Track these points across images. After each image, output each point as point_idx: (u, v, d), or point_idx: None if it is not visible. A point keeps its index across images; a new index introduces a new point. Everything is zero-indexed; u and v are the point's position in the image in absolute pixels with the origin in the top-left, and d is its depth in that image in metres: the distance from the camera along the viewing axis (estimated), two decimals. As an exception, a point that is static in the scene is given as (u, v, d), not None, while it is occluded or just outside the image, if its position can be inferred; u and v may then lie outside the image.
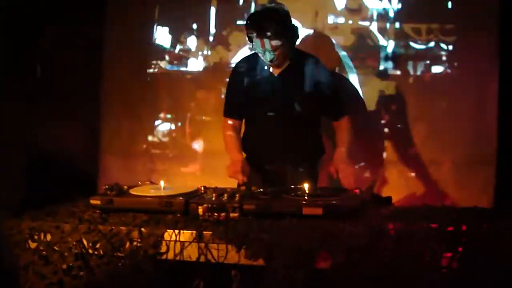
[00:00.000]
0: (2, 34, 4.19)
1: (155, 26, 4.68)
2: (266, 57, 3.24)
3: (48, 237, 2.54)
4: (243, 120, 3.58)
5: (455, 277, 2.17)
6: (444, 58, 4.11)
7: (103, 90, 4.78)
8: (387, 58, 4.21)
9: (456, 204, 3.68)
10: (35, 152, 4.47)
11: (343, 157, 3.29)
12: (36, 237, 2.56)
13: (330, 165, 3.33)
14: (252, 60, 3.43)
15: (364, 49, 4.23)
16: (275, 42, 3.15)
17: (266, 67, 3.37)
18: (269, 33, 3.13)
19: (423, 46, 4.14)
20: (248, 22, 3.21)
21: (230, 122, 3.53)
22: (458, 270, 2.17)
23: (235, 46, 4.45)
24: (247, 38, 3.28)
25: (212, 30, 4.55)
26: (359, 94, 4.22)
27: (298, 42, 3.41)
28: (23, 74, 4.57)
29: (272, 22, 3.13)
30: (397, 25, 4.17)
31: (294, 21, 3.35)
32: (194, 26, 4.60)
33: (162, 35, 4.66)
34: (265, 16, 3.18)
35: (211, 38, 4.55)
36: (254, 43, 3.22)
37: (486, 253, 2.18)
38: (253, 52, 3.40)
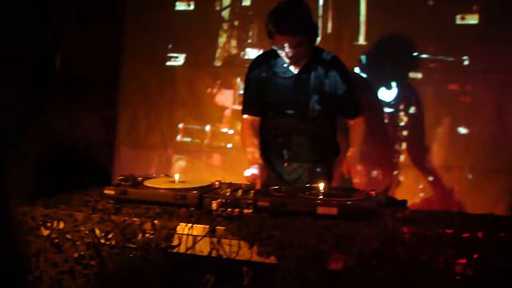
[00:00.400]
0: (21, 23, 4.20)
1: (175, 19, 4.67)
2: (287, 54, 3.21)
3: (61, 225, 2.55)
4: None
5: (469, 284, 2.14)
6: (465, 62, 4.06)
7: (121, 81, 4.78)
8: (408, 61, 4.16)
9: (472, 211, 3.65)
10: (51, 140, 4.49)
11: (356, 158, 3.26)
12: (48, 224, 2.57)
13: (342, 165, 3.29)
14: (270, 56, 3.40)
15: (385, 50, 4.19)
16: (295, 39, 3.12)
17: (284, 64, 3.34)
18: (289, 30, 3.10)
19: (444, 50, 4.10)
20: (269, 17, 3.18)
21: (249, 120, 3.49)
22: (472, 277, 2.14)
23: (255, 40, 4.43)
24: (267, 33, 3.25)
25: (233, 23, 4.53)
26: (376, 95, 4.19)
27: (318, 39, 3.37)
28: (42, 63, 4.59)
29: (293, 19, 3.09)
30: (419, 27, 4.13)
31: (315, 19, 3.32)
32: (215, 21, 4.58)
33: (182, 29, 4.64)
34: (286, 12, 3.14)
35: (231, 31, 4.53)
36: (274, 39, 3.19)
37: (502, 260, 2.15)
38: (271, 48, 3.37)
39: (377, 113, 4.16)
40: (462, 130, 4.08)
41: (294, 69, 3.35)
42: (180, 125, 4.68)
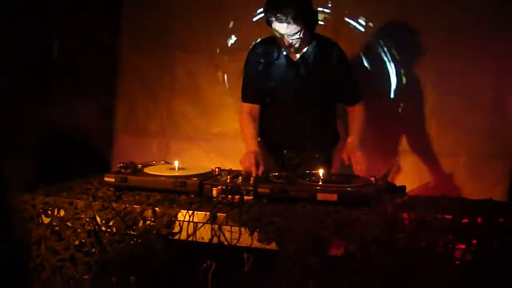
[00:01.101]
0: (18, 12, 4.19)
1: (173, 7, 4.65)
2: (285, 41, 3.20)
3: (62, 212, 2.57)
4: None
5: (468, 269, 2.15)
6: (463, 48, 4.06)
7: (119, 68, 4.77)
8: (406, 47, 4.17)
9: (471, 196, 3.66)
10: (50, 128, 4.48)
11: (355, 145, 3.25)
12: (49, 212, 2.58)
13: (342, 152, 3.29)
14: (270, 44, 3.39)
15: (383, 37, 4.19)
16: (293, 27, 3.11)
17: (284, 52, 3.34)
18: (288, 18, 3.08)
19: (442, 36, 4.09)
20: (267, 5, 3.16)
21: (248, 107, 3.47)
22: (471, 262, 2.15)
23: (255, 27, 4.42)
24: (265, 20, 3.24)
25: (232, 11, 4.52)
26: (379, 82, 4.19)
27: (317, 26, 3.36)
28: (39, 52, 4.58)
29: (291, 7, 3.07)
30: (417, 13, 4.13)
31: (314, 5, 3.29)
32: (213, 6, 4.57)
33: (180, 16, 4.63)
34: (284, 0, 3.13)
35: (230, 19, 4.52)
36: (272, 27, 3.18)
37: (500, 246, 2.16)
38: (271, 35, 3.36)
39: (377, 99, 4.16)
40: (459, 116, 4.08)
41: (293, 57, 3.35)
42: (179, 112, 4.68)
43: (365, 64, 4.21)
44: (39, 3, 4.36)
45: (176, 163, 2.92)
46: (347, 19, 4.25)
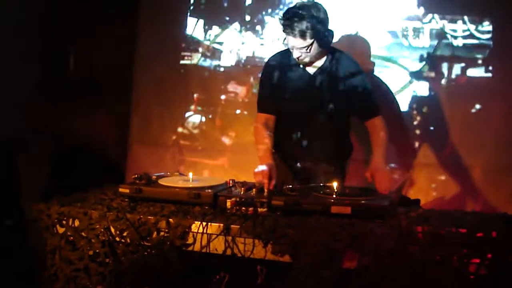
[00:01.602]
0: (35, 25, 4.24)
1: (188, 18, 4.69)
2: (295, 54, 3.22)
3: (76, 223, 2.58)
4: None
5: (483, 283, 2.14)
6: (479, 61, 4.05)
7: (135, 80, 4.80)
8: (421, 59, 4.16)
9: (486, 210, 3.64)
10: (65, 139, 4.52)
11: (380, 164, 3.16)
12: (64, 222, 2.59)
13: (367, 170, 3.24)
14: (285, 55, 3.40)
15: (397, 49, 4.19)
16: (302, 41, 3.12)
17: (300, 64, 3.34)
18: (296, 32, 3.10)
19: (458, 48, 4.09)
20: (281, 17, 3.18)
21: (263, 118, 3.45)
22: (486, 276, 2.14)
23: (269, 40, 4.44)
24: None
25: (246, 23, 4.54)
26: (393, 95, 4.18)
27: (333, 41, 3.35)
28: (56, 63, 4.62)
29: (301, 21, 3.07)
30: (433, 25, 4.12)
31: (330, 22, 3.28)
32: (227, 18, 4.59)
33: (195, 28, 4.66)
34: (296, 14, 3.11)
35: (244, 32, 4.54)
36: (286, 39, 3.20)
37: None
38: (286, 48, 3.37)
39: (390, 112, 4.15)
40: (475, 129, 4.07)
41: (309, 70, 3.35)
42: (194, 124, 4.70)
43: (378, 77, 4.21)
44: (55, 16, 4.41)
45: (191, 175, 2.93)
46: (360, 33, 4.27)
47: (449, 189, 4.09)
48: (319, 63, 3.33)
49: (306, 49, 3.15)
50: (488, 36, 4.03)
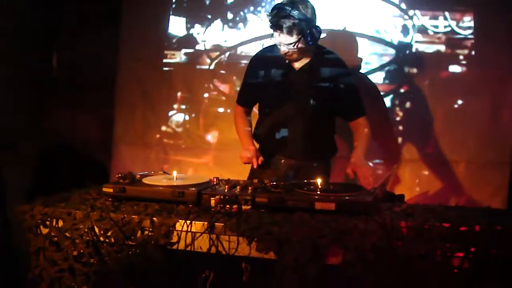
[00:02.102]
0: (19, 24, 4.21)
1: (170, 16, 4.68)
2: (282, 50, 3.22)
3: (60, 223, 2.56)
4: (253, 110, 3.62)
5: (467, 277, 2.15)
6: (461, 57, 4.08)
7: (118, 80, 4.78)
8: (403, 56, 4.18)
9: (469, 204, 3.66)
10: (49, 139, 4.50)
11: (361, 160, 3.20)
12: (48, 223, 2.57)
13: (347, 166, 3.26)
14: (272, 52, 3.40)
15: (380, 46, 4.20)
16: (289, 37, 3.12)
17: (286, 60, 3.34)
18: (284, 28, 3.10)
19: (440, 44, 4.11)
20: (268, 13, 3.18)
21: (241, 110, 3.58)
22: (469, 270, 2.15)
23: (251, 37, 4.44)
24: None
25: (228, 21, 4.53)
26: (379, 93, 4.20)
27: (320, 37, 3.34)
28: (39, 64, 4.60)
29: (288, 17, 3.09)
30: (414, 21, 4.14)
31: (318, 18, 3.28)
32: (209, 16, 4.59)
33: (177, 26, 4.65)
34: (283, 10, 3.12)
35: (226, 29, 4.54)
36: (273, 35, 3.20)
37: (499, 254, 2.16)
38: (273, 44, 3.37)
39: (374, 108, 4.16)
40: (458, 124, 4.09)
41: (295, 66, 3.35)
42: (177, 122, 4.69)
43: (361, 73, 4.22)
44: (40, 17, 4.39)
45: (175, 173, 2.92)
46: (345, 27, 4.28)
47: (433, 184, 4.13)
48: (306, 59, 3.33)
49: (293, 45, 3.15)
50: (470, 31, 4.06)
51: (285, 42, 3.14)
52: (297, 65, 3.34)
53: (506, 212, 2.92)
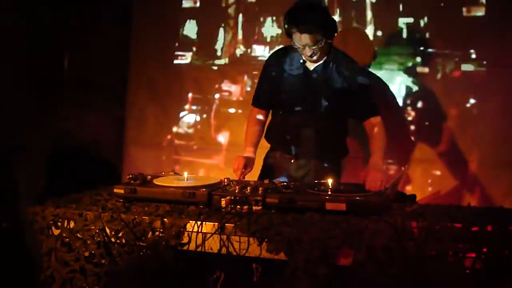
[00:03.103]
0: (31, 26, 4.23)
1: (182, 18, 4.69)
2: (306, 52, 3.20)
3: (71, 224, 2.57)
4: (270, 111, 3.59)
5: (479, 278, 2.14)
6: (473, 56, 4.05)
7: (129, 81, 4.80)
8: (415, 55, 4.16)
9: (481, 204, 3.64)
10: (61, 141, 4.52)
11: (376, 165, 3.17)
12: (59, 224, 2.58)
13: (364, 171, 3.26)
14: (286, 53, 3.40)
15: (391, 45, 4.18)
16: (315, 37, 3.12)
17: (301, 61, 3.33)
18: (310, 28, 3.10)
19: (452, 43, 4.09)
20: (288, 16, 3.16)
21: (257, 112, 3.55)
22: (482, 271, 2.14)
23: (263, 39, 4.44)
24: (285, 32, 3.24)
25: (239, 22, 4.53)
26: (391, 93, 4.18)
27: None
28: (51, 65, 4.62)
29: (312, 17, 3.08)
30: (426, 21, 4.12)
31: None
32: (221, 18, 4.60)
33: (189, 27, 4.66)
34: (305, 10, 3.12)
35: (238, 31, 4.54)
36: (293, 38, 3.19)
37: (511, 254, 2.15)
38: (288, 45, 3.36)
39: (385, 108, 4.15)
40: (470, 124, 4.07)
41: (310, 67, 3.35)
42: (188, 123, 4.70)
43: (372, 73, 4.20)
44: (51, 17, 4.41)
45: (186, 174, 2.92)
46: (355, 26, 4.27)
47: (445, 184, 4.10)
48: (321, 60, 3.33)
49: (320, 43, 3.14)
50: (483, 28, 4.03)
51: (312, 43, 3.13)
52: (312, 65, 3.34)
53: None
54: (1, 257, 3.63)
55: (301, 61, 3.32)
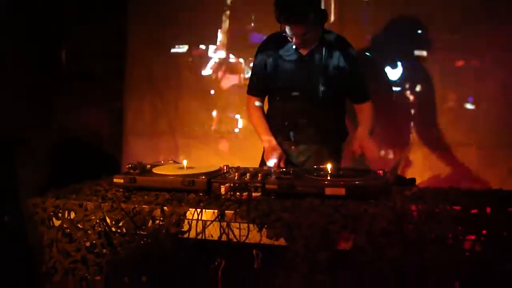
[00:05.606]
0: (26, 19, 4.23)
1: (178, 6, 4.67)
2: (295, 41, 3.21)
3: (72, 215, 2.58)
4: (267, 97, 3.60)
5: (478, 260, 2.14)
6: (471, 39, 4.04)
7: (126, 70, 4.79)
8: (413, 39, 4.15)
9: (481, 187, 3.64)
10: (60, 132, 4.52)
11: (366, 136, 3.26)
12: (60, 214, 2.59)
13: (352, 145, 3.30)
14: (279, 38, 3.39)
15: (389, 29, 4.17)
16: (302, 28, 3.12)
17: (294, 47, 3.33)
18: (295, 19, 3.10)
19: (450, 26, 4.08)
20: (276, 5, 3.16)
21: (255, 101, 3.56)
22: (481, 253, 2.14)
23: (260, 25, 4.43)
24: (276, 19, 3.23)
25: (237, 9, 4.53)
26: (387, 76, 4.18)
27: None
28: (49, 57, 4.61)
29: (299, 8, 3.08)
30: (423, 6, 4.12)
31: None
32: (218, 6, 4.59)
33: (185, 16, 4.65)
34: (289, 1, 3.12)
35: (235, 17, 4.53)
36: (282, 25, 3.19)
37: (511, 236, 2.15)
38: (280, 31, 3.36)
39: (385, 92, 4.15)
40: (469, 107, 4.07)
41: (302, 51, 3.35)
42: (186, 111, 4.70)
43: (371, 58, 4.20)
44: (47, 9, 4.40)
45: (185, 162, 2.92)
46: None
47: (445, 168, 4.10)
48: (313, 44, 3.33)
49: (308, 33, 3.15)
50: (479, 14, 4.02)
51: (300, 32, 3.13)
52: (306, 50, 3.34)
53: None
54: (3, 250, 3.65)
55: (294, 47, 3.32)
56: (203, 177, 2.64)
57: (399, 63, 4.19)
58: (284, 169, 2.71)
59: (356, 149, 3.23)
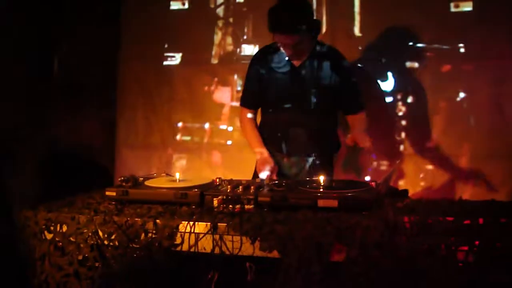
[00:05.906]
0: (18, 29, 4.22)
1: (170, 19, 4.68)
2: (286, 51, 3.23)
3: (64, 228, 2.56)
4: (259, 109, 3.61)
5: (472, 271, 2.14)
6: (463, 49, 4.06)
7: (119, 82, 4.79)
8: (404, 50, 4.16)
9: (475, 198, 3.65)
10: (52, 145, 4.50)
11: (357, 132, 3.36)
12: (52, 228, 2.58)
13: (346, 141, 3.34)
14: (272, 50, 3.40)
15: (381, 41, 4.19)
16: (293, 39, 3.13)
17: (286, 58, 3.35)
18: (287, 31, 3.11)
19: (440, 37, 4.10)
20: (268, 16, 3.16)
21: (248, 113, 3.56)
22: (474, 264, 2.14)
23: (251, 36, 4.44)
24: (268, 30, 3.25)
25: (228, 20, 4.54)
26: (379, 87, 4.19)
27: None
28: (39, 67, 4.60)
29: (290, 19, 3.09)
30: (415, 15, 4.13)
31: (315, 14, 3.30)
32: (210, 19, 4.60)
33: (178, 28, 4.66)
34: (284, 12, 3.12)
35: (226, 28, 4.54)
36: (274, 36, 3.20)
37: (503, 246, 2.15)
38: (273, 43, 3.37)
39: (377, 103, 4.16)
40: (460, 118, 4.08)
41: (295, 63, 3.35)
42: (179, 124, 4.70)
43: (363, 69, 4.21)
44: (37, 19, 4.39)
45: (177, 175, 2.92)
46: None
47: (438, 179, 4.11)
48: (305, 56, 3.34)
49: (299, 45, 3.16)
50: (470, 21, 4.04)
51: (292, 42, 3.15)
52: (298, 62, 3.35)
53: (510, 205, 2.90)
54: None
55: (287, 58, 3.33)
56: (196, 189, 2.63)
57: (390, 74, 4.21)
58: (276, 181, 2.70)
59: (349, 142, 3.26)
